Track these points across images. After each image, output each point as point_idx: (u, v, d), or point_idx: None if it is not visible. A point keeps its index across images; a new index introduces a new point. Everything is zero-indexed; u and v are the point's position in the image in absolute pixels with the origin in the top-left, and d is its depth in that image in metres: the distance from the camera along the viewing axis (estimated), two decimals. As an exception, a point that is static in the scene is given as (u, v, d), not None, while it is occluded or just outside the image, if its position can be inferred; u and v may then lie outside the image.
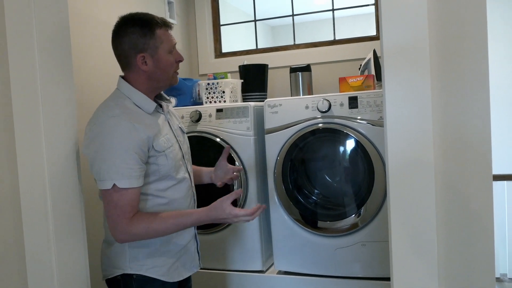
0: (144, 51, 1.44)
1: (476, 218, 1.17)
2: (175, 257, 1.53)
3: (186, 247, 1.58)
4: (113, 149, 1.35)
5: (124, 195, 1.35)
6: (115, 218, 1.37)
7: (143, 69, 1.45)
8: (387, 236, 1.24)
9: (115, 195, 1.35)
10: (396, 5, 1.15)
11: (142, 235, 1.40)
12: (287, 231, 2.26)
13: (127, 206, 1.36)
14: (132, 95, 1.47)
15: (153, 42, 1.44)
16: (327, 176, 2.36)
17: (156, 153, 1.43)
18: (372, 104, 2.08)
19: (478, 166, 1.16)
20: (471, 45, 1.14)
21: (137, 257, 1.47)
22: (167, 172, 1.47)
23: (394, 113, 1.17)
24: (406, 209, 1.18)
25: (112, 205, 1.37)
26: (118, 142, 1.35)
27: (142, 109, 1.46)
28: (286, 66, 2.78)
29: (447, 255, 1.19)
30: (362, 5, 3.02)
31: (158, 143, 1.43)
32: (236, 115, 2.29)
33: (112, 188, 1.35)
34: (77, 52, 2.03)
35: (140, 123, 1.40)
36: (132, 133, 1.36)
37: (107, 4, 2.29)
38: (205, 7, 3.18)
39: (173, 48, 1.51)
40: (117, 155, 1.34)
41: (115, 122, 1.37)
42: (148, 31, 1.44)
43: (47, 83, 1.34)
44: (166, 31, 1.48)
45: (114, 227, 1.38)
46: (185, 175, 1.56)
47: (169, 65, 1.49)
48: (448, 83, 1.16)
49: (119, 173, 1.34)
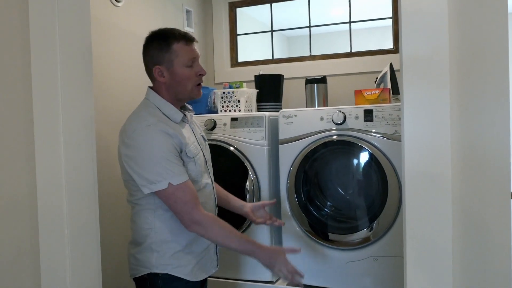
0: (160, 64, 1.53)
1: (492, 235, 1.15)
2: (197, 257, 1.60)
3: (208, 249, 1.65)
4: (158, 154, 1.45)
5: (184, 189, 1.46)
6: (189, 211, 1.47)
7: (161, 81, 1.55)
8: (400, 251, 1.23)
9: (178, 193, 1.46)
10: (417, 19, 1.14)
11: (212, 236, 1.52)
12: (298, 242, 2.25)
13: (193, 198, 1.48)
14: (161, 105, 1.55)
15: (168, 55, 1.53)
16: (340, 188, 2.35)
17: (187, 159, 1.52)
18: (388, 118, 2.07)
19: (496, 183, 1.14)
20: (491, 61, 1.13)
21: (163, 257, 1.54)
22: (195, 178, 1.56)
23: (412, 127, 1.16)
24: (422, 225, 1.16)
25: (178, 201, 1.47)
26: (160, 148, 1.45)
27: (170, 119, 1.55)
28: (302, 77, 2.78)
29: (463, 273, 1.17)
30: (380, 18, 3.01)
31: (189, 149, 1.53)
32: (251, 125, 2.30)
33: (170, 188, 1.44)
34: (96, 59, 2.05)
35: (173, 129, 1.50)
36: (168, 138, 1.47)
37: (126, 12, 2.33)
38: (223, 17, 3.21)
39: (192, 61, 1.55)
40: (163, 158, 1.44)
41: (152, 130, 1.47)
42: (164, 45, 1.53)
43: (67, 90, 1.36)
44: (185, 45, 1.54)
45: (189, 218, 1.47)
46: (208, 180, 1.65)
47: (185, 78, 1.54)
48: (467, 99, 1.15)
49: (169, 173, 1.44)
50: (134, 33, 2.36)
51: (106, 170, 1.98)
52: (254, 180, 2.27)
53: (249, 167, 2.28)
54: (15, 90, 1.33)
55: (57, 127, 1.33)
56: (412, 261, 1.17)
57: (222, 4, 3.20)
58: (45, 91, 1.34)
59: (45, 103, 1.34)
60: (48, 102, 1.34)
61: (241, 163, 2.29)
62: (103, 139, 2.03)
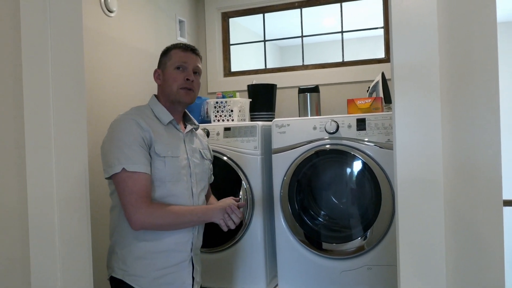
0: (159, 67, 1.68)
1: (485, 243, 1.16)
2: (161, 272, 1.53)
3: (176, 268, 1.57)
4: (121, 138, 1.48)
5: (137, 180, 1.44)
6: (133, 203, 1.43)
7: (157, 83, 1.67)
8: (393, 260, 1.23)
9: (129, 180, 1.44)
10: (407, 28, 1.15)
11: (160, 218, 1.46)
12: (292, 252, 2.24)
13: (142, 191, 1.45)
14: (154, 106, 1.64)
15: (165, 59, 1.66)
16: (334, 197, 2.35)
17: (155, 156, 1.52)
18: (380, 127, 2.08)
19: (488, 191, 1.15)
20: (481, 69, 1.14)
21: (122, 262, 1.52)
22: (162, 179, 1.52)
23: (404, 136, 1.16)
24: (415, 234, 1.16)
25: (127, 190, 1.44)
26: (126, 133, 1.48)
27: (159, 120, 1.60)
28: (295, 87, 2.80)
29: (456, 281, 1.17)
30: (371, 28, 3.04)
31: (159, 147, 1.53)
32: (244, 134, 2.30)
33: (123, 174, 1.44)
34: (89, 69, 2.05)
35: (147, 124, 1.53)
36: (138, 128, 1.50)
37: (119, 23, 2.33)
38: (216, 27, 3.22)
39: (182, 66, 1.62)
40: (125, 143, 1.47)
41: (124, 118, 1.53)
42: (165, 51, 1.67)
43: (59, 100, 1.35)
44: (181, 51, 1.64)
45: (133, 212, 1.43)
46: (185, 192, 1.59)
47: (171, 79, 1.61)
48: (458, 107, 1.16)
49: (128, 159, 1.45)
50: (127, 43, 2.37)
51: (99, 179, 1.96)
52: (247, 190, 2.27)
53: (242, 177, 2.28)
54: (6, 99, 1.32)
55: (48, 137, 1.33)
56: (406, 269, 1.17)
57: (215, 14, 3.22)
58: (37, 101, 1.33)
59: (36, 113, 1.33)
60: (39, 112, 1.33)
61: (235, 173, 2.29)
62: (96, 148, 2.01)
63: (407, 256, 1.17)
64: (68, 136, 1.38)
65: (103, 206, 2.04)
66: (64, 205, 1.35)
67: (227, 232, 1.59)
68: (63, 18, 1.37)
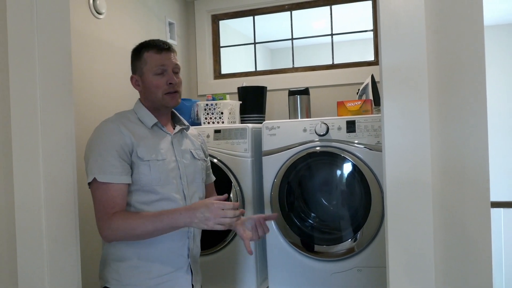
0: (134, 73, 1.60)
1: (473, 244, 1.16)
2: (156, 281, 1.48)
3: (173, 276, 1.52)
4: (97, 147, 1.44)
5: (106, 190, 1.41)
6: (97, 214, 1.43)
7: (138, 90, 1.61)
8: (383, 261, 1.23)
9: (98, 191, 1.42)
10: (395, 31, 1.16)
11: (123, 230, 1.40)
12: (283, 254, 2.24)
13: (109, 202, 1.42)
14: (138, 110, 1.59)
15: (139, 64, 1.57)
16: (324, 199, 2.35)
17: (139, 160, 1.47)
18: (370, 129, 2.09)
19: (476, 193, 1.16)
20: (469, 72, 1.15)
21: (116, 272, 1.48)
22: (149, 184, 1.47)
23: (393, 138, 1.17)
24: (404, 235, 1.17)
25: (96, 200, 1.44)
26: (102, 141, 1.45)
27: (143, 123, 1.56)
28: (285, 89, 2.80)
29: (445, 282, 1.17)
30: (361, 31, 3.06)
31: (142, 151, 1.48)
32: (234, 137, 2.30)
33: (94, 183, 1.42)
34: (77, 71, 2.04)
35: (129, 129, 1.49)
36: (116, 135, 1.45)
37: (108, 25, 2.32)
38: (206, 29, 3.22)
39: (162, 69, 1.53)
40: (99, 152, 1.43)
41: (104, 125, 1.50)
42: (137, 54, 1.58)
43: (47, 103, 1.34)
44: (155, 53, 1.54)
45: (98, 223, 1.43)
46: (176, 195, 1.52)
47: (153, 87, 1.54)
48: (446, 109, 1.17)
49: (99, 169, 1.41)
50: (117, 45, 2.35)
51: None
52: (238, 192, 2.26)
53: (233, 179, 2.27)
54: (-7, 102, 1.31)
55: (35, 140, 1.31)
56: (395, 270, 1.18)
57: (205, 17, 3.21)
58: (24, 104, 1.31)
59: (23, 116, 1.32)
60: (26, 115, 1.31)
61: (225, 175, 2.28)
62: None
63: (396, 257, 1.18)
64: (56, 139, 1.37)
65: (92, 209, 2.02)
66: (52, 209, 1.34)
67: (217, 234, 1.56)
68: (50, 20, 1.36)
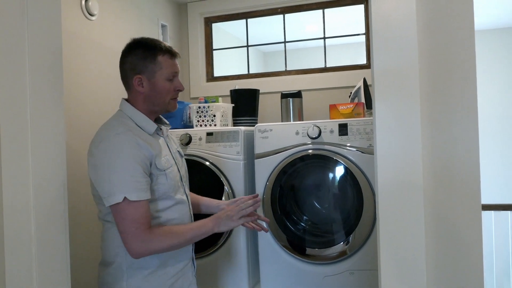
0: (142, 73, 1.49)
1: (465, 247, 1.17)
2: (172, 279, 1.52)
3: (183, 271, 1.57)
4: (120, 164, 1.38)
5: (138, 208, 1.38)
6: (134, 231, 1.37)
7: (139, 91, 1.51)
8: (376, 264, 1.23)
9: (128, 209, 1.37)
10: (387, 35, 1.17)
11: (160, 246, 1.42)
12: (275, 257, 2.24)
13: (143, 218, 1.39)
14: (134, 116, 1.51)
15: (152, 66, 1.49)
16: (316, 202, 2.35)
17: (157, 172, 1.46)
18: (362, 132, 2.10)
19: (467, 196, 1.16)
20: (460, 76, 1.16)
21: (134, 279, 1.46)
22: (166, 192, 1.49)
23: (384, 140, 1.17)
24: (395, 238, 1.17)
25: (128, 219, 1.38)
26: (125, 158, 1.38)
27: (143, 130, 1.51)
28: (277, 92, 2.80)
29: (437, 284, 1.17)
30: (353, 35, 3.08)
31: (159, 161, 1.46)
32: (226, 139, 2.29)
33: (124, 202, 1.36)
34: (69, 73, 2.02)
35: (143, 140, 1.44)
36: (136, 149, 1.41)
37: (100, 26, 2.31)
38: (198, 31, 3.22)
39: (173, 76, 1.53)
40: (125, 170, 1.38)
41: (120, 139, 1.41)
42: (149, 55, 1.49)
43: (37, 105, 1.32)
44: (169, 58, 1.52)
45: (133, 241, 1.38)
46: (183, 197, 1.58)
47: (165, 91, 1.52)
48: (437, 112, 1.17)
49: (128, 187, 1.36)
50: (109, 47, 2.34)
51: (77, 185, 1.93)
52: (230, 195, 2.26)
53: (225, 182, 2.27)
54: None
55: (25, 143, 1.29)
56: (387, 272, 1.18)
57: (197, 19, 3.21)
58: (13, 106, 1.30)
59: (12, 118, 1.30)
60: (16, 118, 1.30)
61: (217, 178, 2.27)
62: (75, 154, 1.98)
63: (388, 260, 1.18)
64: (46, 141, 1.35)
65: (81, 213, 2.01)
66: (41, 213, 1.32)
67: (210, 237, 1.57)
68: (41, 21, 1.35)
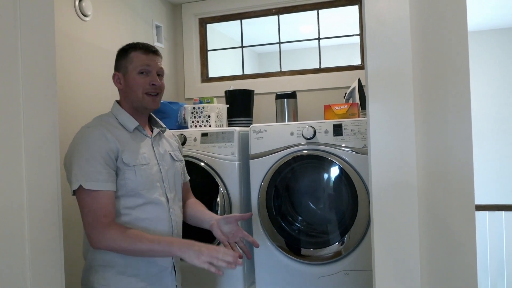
0: (118, 70, 1.60)
1: (459, 247, 1.17)
2: (144, 282, 1.49)
3: (158, 277, 1.54)
4: (81, 153, 1.42)
5: (96, 198, 1.40)
6: (88, 221, 1.40)
7: (118, 88, 1.61)
8: (370, 265, 1.23)
9: (87, 199, 1.40)
10: (381, 35, 1.17)
11: (118, 243, 1.39)
12: (270, 258, 2.24)
13: (102, 210, 1.40)
14: (118, 114, 1.57)
15: (125, 62, 1.58)
16: (311, 203, 2.35)
17: (124, 166, 1.47)
18: (357, 132, 2.10)
19: (460, 196, 1.17)
20: (453, 75, 1.17)
21: (103, 278, 1.46)
22: (134, 189, 1.49)
23: (378, 141, 1.17)
24: (390, 238, 1.17)
25: (85, 208, 1.41)
26: (87, 148, 1.43)
27: (124, 127, 1.55)
28: (272, 93, 2.80)
29: (431, 284, 1.18)
30: (348, 35, 3.08)
31: (127, 156, 1.48)
32: (221, 140, 2.29)
33: (81, 191, 1.40)
34: (63, 73, 2.01)
35: (113, 135, 1.48)
36: (101, 140, 1.45)
37: (94, 27, 2.30)
38: (193, 32, 3.21)
39: (146, 70, 1.56)
40: (84, 159, 1.41)
41: (87, 131, 1.48)
42: (124, 53, 1.59)
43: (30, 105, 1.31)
44: (142, 54, 1.57)
45: (90, 231, 1.40)
46: (161, 198, 1.55)
47: (136, 85, 1.55)
48: (431, 112, 1.18)
49: (85, 176, 1.40)
50: (102, 47, 2.33)
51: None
52: (225, 195, 2.25)
53: (220, 183, 2.26)
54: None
55: (18, 143, 1.28)
56: (381, 273, 1.18)
57: (192, 20, 3.21)
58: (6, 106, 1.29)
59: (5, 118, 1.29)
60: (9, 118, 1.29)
61: (212, 179, 2.27)
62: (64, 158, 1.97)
63: (382, 260, 1.18)
64: (39, 142, 1.35)
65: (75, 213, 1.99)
66: (35, 214, 1.31)
67: (203, 238, 1.55)
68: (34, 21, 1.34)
